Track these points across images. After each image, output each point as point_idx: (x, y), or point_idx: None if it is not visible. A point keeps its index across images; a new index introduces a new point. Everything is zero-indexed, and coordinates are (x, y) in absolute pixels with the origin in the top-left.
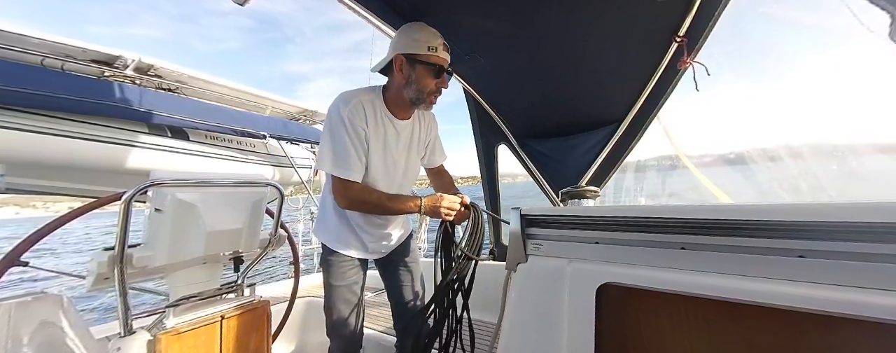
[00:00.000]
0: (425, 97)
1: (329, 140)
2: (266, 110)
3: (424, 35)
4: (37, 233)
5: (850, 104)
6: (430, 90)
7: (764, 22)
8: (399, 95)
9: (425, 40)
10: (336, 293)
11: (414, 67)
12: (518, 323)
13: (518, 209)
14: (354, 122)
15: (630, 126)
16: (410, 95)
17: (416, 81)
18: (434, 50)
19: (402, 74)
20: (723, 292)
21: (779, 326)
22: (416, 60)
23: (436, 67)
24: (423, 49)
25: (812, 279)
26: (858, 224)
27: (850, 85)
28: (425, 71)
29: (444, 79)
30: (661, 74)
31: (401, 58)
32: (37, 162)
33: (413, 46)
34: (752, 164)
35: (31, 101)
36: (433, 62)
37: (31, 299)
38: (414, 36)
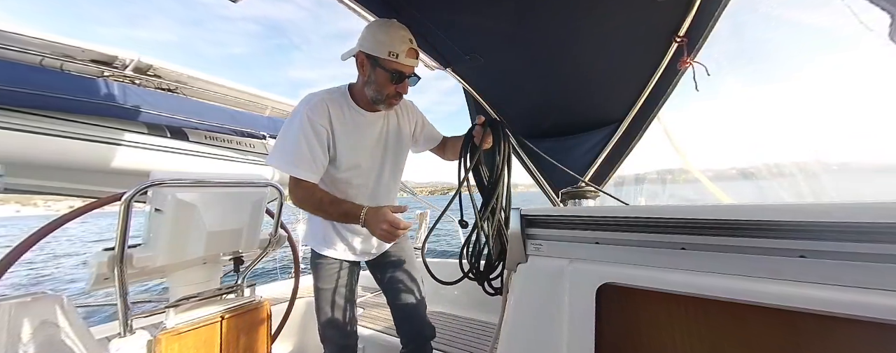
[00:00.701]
0: (384, 99)
1: (282, 138)
2: (266, 111)
3: (389, 38)
4: (37, 233)
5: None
6: (387, 94)
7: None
8: (362, 90)
9: (389, 44)
10: (325, 297)
11: (374, 68)
12: (518, 323)
13: (518, 209)
14: (314, 120)
15: (630, 126)
16: (370, 94)
17: (375, 82)
18: (395, 56)
19: (364, 72)
20: (723, 293)
21: (779, 326)
22: (377, 63)
23: (395, 74)
24: (385, 53)
25: (813, 280)
26: (860, 224)
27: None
28: (385, 75)
29: (405, 84)
30: (661, 74)
31: (362, 56)
32: (36, 162)
33: (375, 48)
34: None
35: (30, 101)
36: (393, 69)
37: (31, 299)
38: (379, 36)
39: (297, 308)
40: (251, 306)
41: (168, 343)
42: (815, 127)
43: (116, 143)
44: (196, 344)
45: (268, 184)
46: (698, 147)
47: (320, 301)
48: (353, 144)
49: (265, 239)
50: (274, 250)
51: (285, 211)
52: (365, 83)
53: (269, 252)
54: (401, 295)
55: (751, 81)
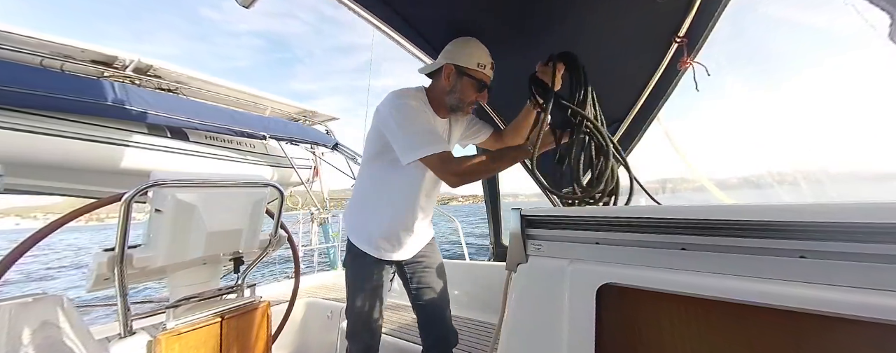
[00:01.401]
0: (464, 106)
1: (408, 126)
2: (266, 111)
3: (477, 51)
4: (38, 234)
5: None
6: (470, 101)
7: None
8: (441, 98)
9: (477, 57)
10: (359, 294)
11: (460, 78)
12: (518, 324)
13: (518, 210)
14: (422, 107)
15: (630, 126)
16: (451, 101)
17: (460, 90)
18: (483, 67)
19: (448, 82)
20: (724, 293)
21: (780, 326)
22: (465, 73)
23: (480, 83)
24: (474, 64)
25: (813, 280)
26: (860, 224)
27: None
28: (470, 84)
29: (485, 94)
30: (661, 75)
31: (451, 67)
32: (36, 162)
33: (465, 60)
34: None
35: (30, 101)
36: (479, 78)
37: (31, 299)
38: (468, 50)
39: (298, 309)
40: (251, 306)
41: (168, 344)
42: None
43: (117, 143)
44: (196, 345)
45: (268, 184)
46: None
47: (354, 298)
48: None
49: (265, 240)
50: (274, 250)
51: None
52: (447, 92)
53: (269, 253)
54: (428, 299)
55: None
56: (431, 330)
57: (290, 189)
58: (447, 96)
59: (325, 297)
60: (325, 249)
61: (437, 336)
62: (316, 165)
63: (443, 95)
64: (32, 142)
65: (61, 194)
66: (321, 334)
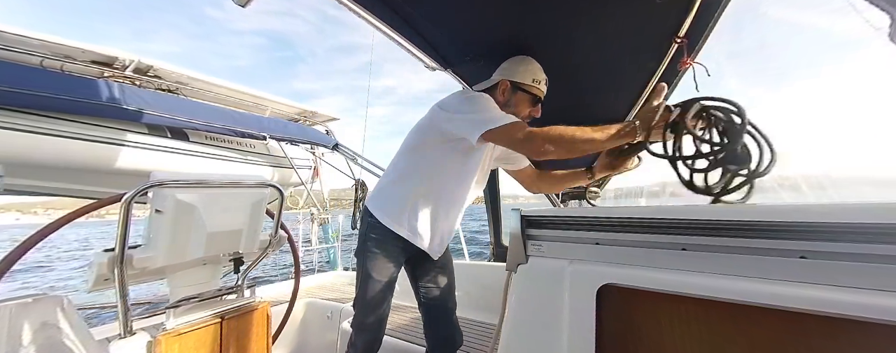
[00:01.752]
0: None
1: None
2: (266, 111)
3: (533, 68)
4: (38, 234)
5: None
6: (522, 116)
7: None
8: None
9: (532, 73)
10: (376, 281)
11: (515, 93)
12: (518, 324)
13: (518, 210)
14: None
15: None
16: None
17: (515, 105)
18: (538, 83)
19: (503, 97)
20: (724, 293)
21: (780, 327)
22: (520, 88)
23: (534, 97)
24: (529, 80)
25: (813, 280)
26: (860, 225)
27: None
28: (525, 99)
29: (538, 108)
30: (661, 75)
31: (506, 83)
32: (36, 163)
33: (521, 76)
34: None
35: (30, 101)
36: (534, 93)
37: (31, 300)
38: (523, 67)
39: (298, 309)
40: (251, 307)
41: (168, 344)
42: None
43: (117, 143)
44: (196, 345)
45: (268, 185)
46: None
47: (367, 284)
48: (476, 152)
49: (265, 240)
50: (274, 250)
51: (285, 212)
52: (502, 106)
53: (269, 253)
54: (438, 298)
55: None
56: (438, 330)
57: (290, 189)
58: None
59: (325, 297)
60: (325, 249)
61: (444, 336)
62: (316, 166)
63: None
64: (32, 142)
65: (61, 195)
66: (321, 334)
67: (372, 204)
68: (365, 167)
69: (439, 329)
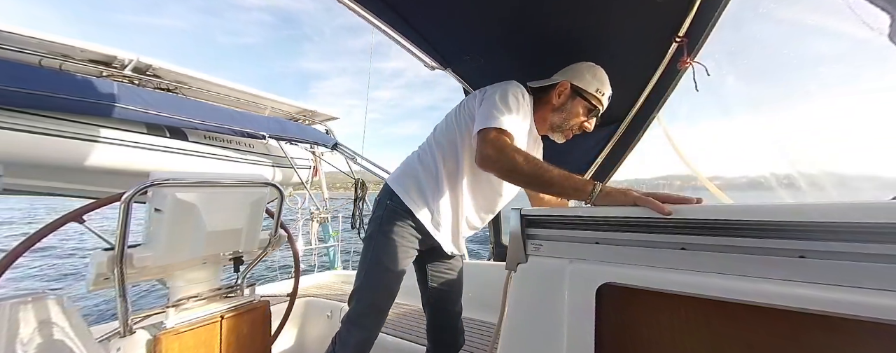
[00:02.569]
0: (566, 128)
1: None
2: (265, 110)
3: (601, 77)
4: (37, 234)
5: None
6: (573, 124)
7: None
8: (545, 114)
9: (598, 83)
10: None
11: (574, 98)
12: (518, 323)
13: (518, 210)
14: (527, 106)
15: (630, 126)
16: (556, 120)
17: (569, 110)
18: (601, 94)
19: (559, 100)
20: (723, 293)
21: (779, 326)
22: (581, 94)
23: (592, 108)
24: (593, 89)
25: (812, 280)
26: (859, 224)
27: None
28: (582, 106)
29: (593, 121)
30: (661, 75)
31: (567, 85)
32: (35, 162)
33: (585, 82)
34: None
35: (29, 101)
36: (594, 103)
37: (30, 299)
38: (591, 74)
39: (297, 308)
40: (251, 305)
41: (168, 343)
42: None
43: (116, 143)
44: (196, 344)
45: (268, 184)
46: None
47: (376, 274)
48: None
49: (265, 239)
50: (274, 250)
51: (285, 211)
52: (555, 109)
53: (268, 252)
54: (445, 299)
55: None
56: (441, 333)
57: (290, 189)
58: (553, 114)
59: (325, 296)
60: (325, 249)
61: (446, 340)
62: (316, 165)
63: (548, 112)
64: (31, 142)
65: (61, 195)
66: (321, 334)
67: (395, 184)
68: (365, 167)
69: (443, 333)
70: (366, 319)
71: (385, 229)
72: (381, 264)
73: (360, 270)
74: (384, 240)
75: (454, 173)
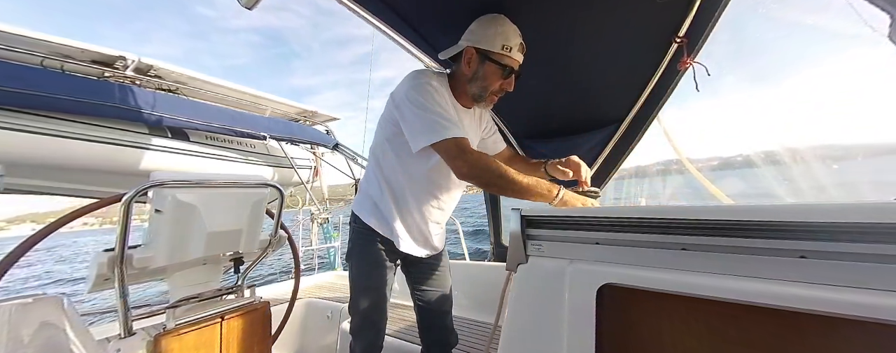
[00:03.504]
0: (487, 95)
1: (422, 109)
2: (266, 111)
3: (504, 31)
4: (38, 234)
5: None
6: (494, 90)
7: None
8: (463, 86)
9: (503, 37)
10: (370, 286)
11: (483, 62)
12: (518, 324)
13: (518, 210)
14: (441, 90)
15: (630, 127)
16: (473, 90)
17: (483, 77)
18: (509, 50)
19: (469, 68)
20: (723, 293)
21: (780, 327)
22: (488, 57)
23: (505, 68)
24: (498, 47)
25: (813, 280)
26: (860, 225)
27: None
28: (494, 70)
29: (511, 80)
30: (661, 75)
31: (472, 51)
32: (36, 163)
33: (488, 42)
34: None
35: (31, 101)
36: (504, 63)
37: (31, 300)
38: (492, 30)
39: (298, 309)
40: (251, 306)
41: (168, 344)
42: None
43: (117, 143)
44: (196, 345)
45: (268, 184)
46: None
47: (359, 289)
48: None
49: (265, 240)
50: (274, 250)
51: (285, 212)
52: (470, 79)
53: (269, 253)
54: (431, 300)
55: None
56: (431, 333)
57: (291, 189)
58: (469, 84)
59: (325, 297)
60: (325, 249)
61: (437, 339)
62: (316, 166)
63: (465, 84)
64: (32, 142)
65: (61, 195)
66: (321, 334)
67: (355, 206)
68: (365, 167)
69: (432, 332)
70: (364, 332)
71: (357, 250)
72: (361, 284)
73: (350, 287)
74: (359, 260)
75: (393, 182)
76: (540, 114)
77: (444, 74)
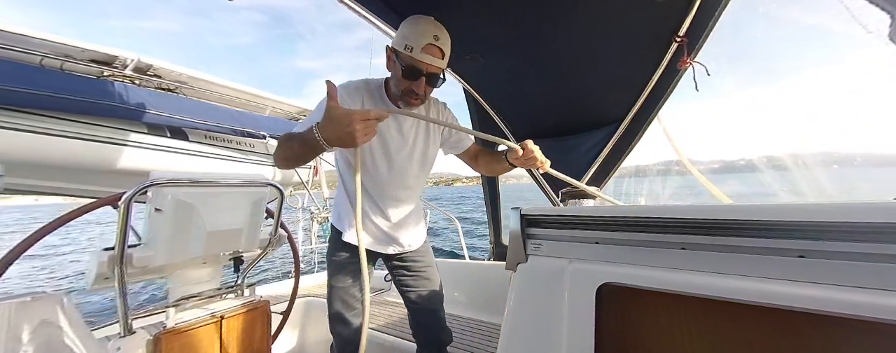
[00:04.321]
0: (401, 95)
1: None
2: (266, 110)
3: (412, 31)
4: (37, 233)
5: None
6: (402, 90)
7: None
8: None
9: (409, 38)
10: (339, 286)
11: (395, 63)
12: (518, 323)
13: (518, 209)
14: (346, 101)
15: (630, 126)
16: (394, 90)
17: (395, 78)
18: (410, 50)
19: (389, 67)
20: (723, 293)
21: (779, 326)
22: (397, 57)
23: (408, 69)
24: (401, 46)
25: (812, 279)
26: (859, 224)
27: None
28: (399, 70)
29: (420, 82)
30: (661, 74)
31: (389, 50)
32: (36, 162)
33: (398, 41)
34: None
35: (30, 101)
36: (406, 64)
37: (30, 299)
38: (404, 30)
39: (298, 308)
40: (251, 305)
41: (168, 343)
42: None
43: (116, 143)
44: (196, 344)
45: (268, 184)
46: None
47: (334, 291)
48: (380, 141)
49: (265, 239)
50: (274, 249)
51: (285, 211)
52: (392, 79)
53: (269, 252)
54: (421, 298)
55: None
56: (422, 330)
57: (290, 189)
58: (392, 84)
59: (325, 297)
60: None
61: (430, 336)
62: (316, 165)
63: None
64: (32, 142)
65: (61, 194)
66: (321, 334)
67: (333, 215)
68: None
69: (423, 329)
70: (338, 329)
71: (330, 255)
72: (331, 283)
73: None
74: (329, 263)
75: (347, 186)
76: (540, 113)
77: (379, 82)
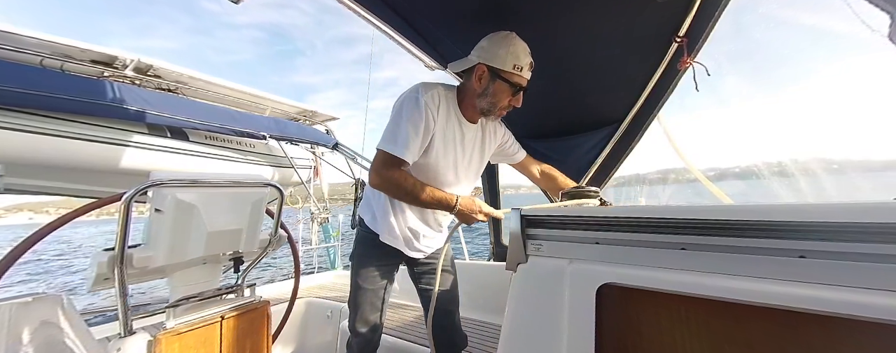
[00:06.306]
0: (496, 111)
1: (395, 119)
2: (266, 111)
3: (516, 51)
4: (37, 233)
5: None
6: (502, 106)
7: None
8: (472, 100)
9: (514, 57)
10: (366, 287)
11: (494, 80)
12: (518, 324)
13: (518, 210)
14: (429, 107)
15: (630, 126)
16: (483, 105)
17: (493, 94)
18: (520, 70)
19: (480, 84)
20: (723, 293)
21: (779, 326)
22: (499, 75)
23: (515, 87)
24: (509, 66)
25: (812, 280)
26: (859, 224)
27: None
28: (504, 88)
29: (520, 97)
30: (661, 75)
31: (483, 68)
32: (36, 162)
33: (500, 61)
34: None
35: (30, 101)
36: (515, 82)
37: (31, 299)
38: (504, 50)
39: (298, 309)
40: (251, 306)
41: (168, 343)
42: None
43: (117, 143)
44: (196, 345)
45: (268, 184)
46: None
47: (362, 292)
48: (445, 145)
49: (265, 239)
50: (274, 250)
51: (285, 211)
52: (479, 95)
53: (269, 252)
54: (438, 301)
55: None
56: (438, 334)
57: (291, 189)
58: (479, 99)
59: (325, 297)
60: (325, 249)
61: (446, 339)
62: (316, 165)
63: (474, 98)
64: (32, 142)
65: (61, 194)
66: (321, 334)
67: (360, 210)
68: (365, 166)
69: (440, 333)
70: (360, 328)
71: (358, 251)
72: (359, 283)
73: (350, 285)
74: (358, 261)
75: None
76: (540, 113)
77: (453, 87)
